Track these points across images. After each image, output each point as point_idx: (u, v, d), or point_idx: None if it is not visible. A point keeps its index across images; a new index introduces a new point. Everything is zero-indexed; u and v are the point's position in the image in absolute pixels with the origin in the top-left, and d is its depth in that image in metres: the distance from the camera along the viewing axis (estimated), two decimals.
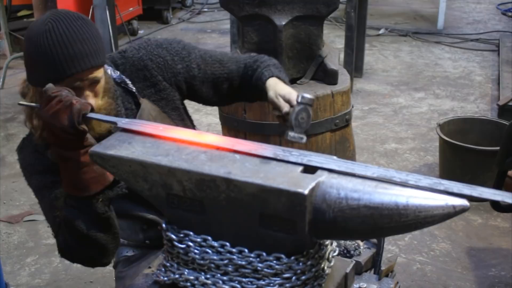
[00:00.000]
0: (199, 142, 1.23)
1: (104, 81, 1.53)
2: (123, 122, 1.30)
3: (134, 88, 1.66)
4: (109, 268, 2.84)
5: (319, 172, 1.11)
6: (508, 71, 5.00)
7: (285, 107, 1.49)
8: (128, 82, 1.65)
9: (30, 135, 1.60)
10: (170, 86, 1.71)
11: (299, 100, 1.43)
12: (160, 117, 1.67)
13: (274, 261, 1.13)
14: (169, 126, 1.31)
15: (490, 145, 3.21)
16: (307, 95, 1.44)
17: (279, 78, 1.63)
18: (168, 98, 1.72)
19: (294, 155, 1.16)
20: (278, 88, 1.57)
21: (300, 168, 1.13)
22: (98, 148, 1.24)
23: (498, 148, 2.10)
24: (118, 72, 1.65)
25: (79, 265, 2.86)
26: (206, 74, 1.73)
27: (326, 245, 1.22)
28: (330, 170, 1.12)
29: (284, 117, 1.51)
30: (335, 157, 1.16)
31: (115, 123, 1.31)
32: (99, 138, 1.35)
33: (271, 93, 1.57)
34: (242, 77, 1.72)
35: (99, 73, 1.48)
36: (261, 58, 1.71)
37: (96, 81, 1.48)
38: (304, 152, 1.17)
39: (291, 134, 1.41)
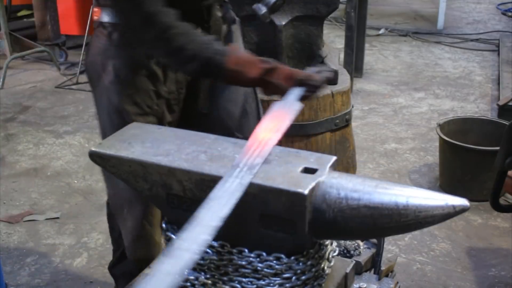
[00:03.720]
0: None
1: None
2: None
3: None
4: None
5: (319, 172, 1.12)
6: (508, 71, 5.00)
7: None
8: None
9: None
10: None
11: None
12: None
13: (274, 261, 1.13)
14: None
15: (490, 145, 3.21)
16: None
17: None
18: None
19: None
20: None
21: (300, 168, 1.13)
22: (98, 148, 1.24)
23: (498, 148, 2.10)
24: None
25: (79, 265, 2.87)
26: None
27: (326, 245, 1.22)
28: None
29: None
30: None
31: None
32: None
33: None
34: None
35: None
36: None
37: None
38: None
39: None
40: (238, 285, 1.17)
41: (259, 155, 1.16)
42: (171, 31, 1.46)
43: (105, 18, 1.69)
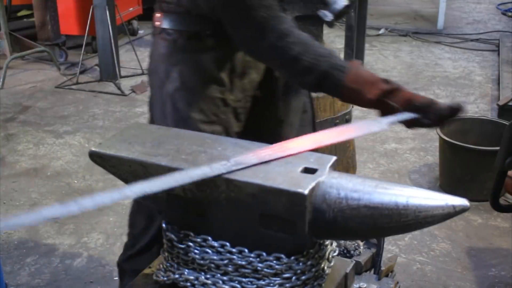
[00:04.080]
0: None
1: None
2: None
3: None
4: (109, 268, 2.85)
5: (319, 172, 1.12)
6: (508, 71, 5.00)
7: None
8: None
9: None
10: None
11: None
12: None
13: (274, 261, 1.13)
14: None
15: (490, 145, 3.21)
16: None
17: None
18: None
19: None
20: None
21: (300, 168, 1.13)
22: (98, 148, 1.24)
23: (498, 148, 2.10)
24: None
25: (79, 265, 2.88)
26: None
27: (326, 245, 1.22)
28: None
29: None
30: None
31: None
32: None
33: None
34: None
35: None
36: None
37: None
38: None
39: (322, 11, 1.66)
40: (238, 285, 1.17)
41: (259, 156, 1.16)
42: (287, 39, 1.39)
43: (168, 24, 1.65)
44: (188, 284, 1.22)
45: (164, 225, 1.23)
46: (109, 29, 5.02)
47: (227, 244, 1.16)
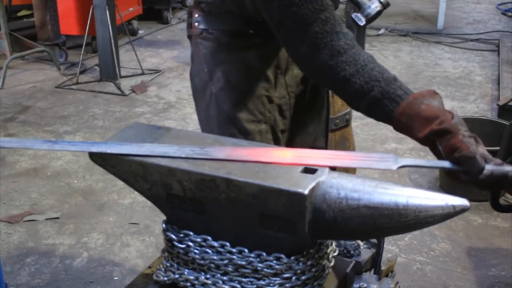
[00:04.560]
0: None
1: None
2: None
3: None
4: (109, 268, 2.85)
5: (319, 172, 1.12)
6: (508, 71, 5.00)
7: None
8: None
9: None
10: None
11: (382, 0, 1.78)
12: None
13: (274, 261, 1.13)
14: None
15: (490, 145, 3.17)
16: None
17: None
18: None
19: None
20: None
21: (300, 168, 1.13)
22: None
23: (498, 148, 2.10)
24: None
25: (79, 265, 2.88)
26: None
27: (326, 245, 1.22)
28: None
29: None
30: None
31: None
32: None
33: None
34: None
35: None
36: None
37: None
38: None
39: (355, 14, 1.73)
40: (238, 285, 1.17)
41: (232, 154, 1.16)
42: (340, 57, 1.28)
43: (210, 24, 1.61)
44: (188, 284, 1.22)
45: (164, 225, 1.23)
46: (109, 29, 5.02)
47: (227, 244, 1.16)
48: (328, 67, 1.29)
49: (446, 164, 1.21)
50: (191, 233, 1.19)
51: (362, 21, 1.98)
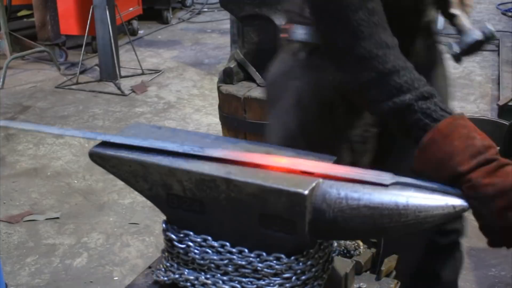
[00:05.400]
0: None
1: None
2: None
3: None
4: (109, 268, 2.85)
5: None
6: (508, 71, 5.01)
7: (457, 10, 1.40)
8: None
9: None
10: None
11: (486, 31, 1.44)
12: None
13: (274, 261, 1.13)
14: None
15: None
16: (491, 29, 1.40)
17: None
18: None
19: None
20: None
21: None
22: (98, 148, 1.24)
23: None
24: None
25: (79, 265, 2.88)
26: None
27: (326, 245, 1.22)
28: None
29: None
30: None
31: None
32: None
33: None
34: None
35: None
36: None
37: None
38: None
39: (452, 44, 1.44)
40: (238, 285, 1.17)
41: (232, 155, 1.16)
42: (387, 50, 1.15)
43: (293, 35, 1.49)
44: (188, 284, 1.22)
45: (164, 225, 1.23)
46: (109, 29, 5.02)
47: (227, 244, 1.16)
48: (374, 56, 1.14)
49: (450, 190, 1.09)
50: (191, 233, 1.19)
51: (454, 49, 1.69)
